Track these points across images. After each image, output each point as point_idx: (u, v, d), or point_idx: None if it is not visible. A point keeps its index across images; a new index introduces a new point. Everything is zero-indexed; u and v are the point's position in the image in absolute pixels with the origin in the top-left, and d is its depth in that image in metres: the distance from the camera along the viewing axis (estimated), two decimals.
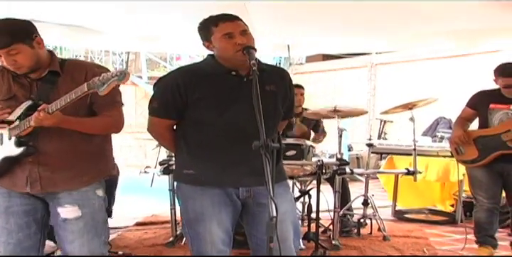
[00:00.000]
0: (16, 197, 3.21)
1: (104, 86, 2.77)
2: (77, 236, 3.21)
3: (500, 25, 6.34)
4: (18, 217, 3.21)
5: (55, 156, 3.17)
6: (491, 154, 5.68)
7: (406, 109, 6.67)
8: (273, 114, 3.33)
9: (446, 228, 7.34)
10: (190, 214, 3.39)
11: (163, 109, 3.39)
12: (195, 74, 3.37)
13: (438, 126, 9.96)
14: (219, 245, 3.32)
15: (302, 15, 6.04)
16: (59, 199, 3.20)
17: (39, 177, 3.17)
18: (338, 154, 5.94)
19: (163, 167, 5.97)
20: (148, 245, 5.98)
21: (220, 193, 3.32)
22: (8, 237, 3.20)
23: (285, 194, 3.40)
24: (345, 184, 6.60)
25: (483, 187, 5.85)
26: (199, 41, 3.48)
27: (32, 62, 3.10)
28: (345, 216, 6.63)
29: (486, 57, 9.58)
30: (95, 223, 3.27)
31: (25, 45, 3.05)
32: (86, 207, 3.23)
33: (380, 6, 5.61)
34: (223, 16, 3.31)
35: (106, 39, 7.27)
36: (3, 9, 5.63)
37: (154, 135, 3.57)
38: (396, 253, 5.91)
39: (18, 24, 3.13)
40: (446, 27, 6.61)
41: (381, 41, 7.93)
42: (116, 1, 5.83)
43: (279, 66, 3.38)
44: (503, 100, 5.62)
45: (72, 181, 3.21)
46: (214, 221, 3.31)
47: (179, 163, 3.56)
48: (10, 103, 3.18)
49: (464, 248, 6.13)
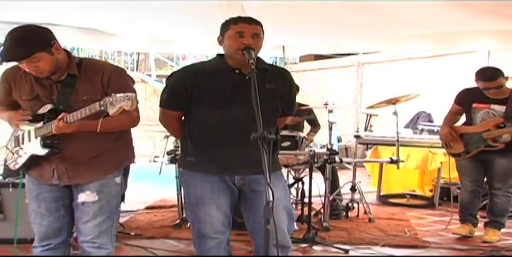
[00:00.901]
0: (45, 184, 3.23)
1: (114, 109, 2.75)
2: (92, 217, 3.22)
3: (473, 28, 6.34)
4: (47, 202, 3.24)
5: (77, 152, 3.18)
6: (474, 149, 5.76)
7: (390, 104, 6.67)
8: (271, 110, 3.33)
9: (426, 211, 7.37)
10: (192, 199, 3.41)
11: (172, 102, 3.42)
12: (202, 71, 3.38)
13: (418, 119, 9.95)
14: (218, 227, 3.35)
15: (296, 19, 6.04)
16: (82, 186, 3.22)
17: (65, 171, 3.20)
18: (329, 145, 5.94)
19: (170, 157, 5.97)
20: (157, 227, 5.99)
21: (218, 180, 3.34)
22: (41, 220, 3.23)
23: (278, 182, 3.39)
24: (334, 172, 6.60)
25: (467, 172, 5.96)
26: (202, 42, 3.49)
27: (52, 67, 3.07)
28: (334, 200, 6.64)
29: (462, 57, 9.58)
30: (109, 208, 3.28)
31: (45, 53, 3.01)
32: (103, 193, 3.24)
33: (366, 11, 5.62)
34: (245, 18, 3.33)
35: (119, 41, 7.26)
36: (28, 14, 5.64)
37: (163, 125, 3.61)
38: (380, 233, 5.93)
39: (38, 33, 3.08)
40: (424, 30, 6.62)
41: (367, 43, 7.92)
42: (128, 7, 5.83)
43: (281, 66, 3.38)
44: (484, 100, 5.64)
45: (95, 172, 3.23)
46: (213, 205, 3.33)
47: (183, 151, 3.57)
48: (33, 103, 3.17)
49: (446, 229, 6.19)
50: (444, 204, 7.45)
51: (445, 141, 5.98)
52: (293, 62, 14.72)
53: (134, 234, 5.61)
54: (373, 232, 5.98)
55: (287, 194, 3.93)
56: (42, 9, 5.45)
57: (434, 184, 7.73)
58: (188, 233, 5.68)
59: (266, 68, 3.31)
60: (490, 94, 5.59)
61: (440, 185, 7.58)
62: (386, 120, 9.25)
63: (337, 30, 6.73)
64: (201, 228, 3.39)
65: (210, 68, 3.36)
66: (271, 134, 2.83)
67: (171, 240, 5.52)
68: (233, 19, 3.32)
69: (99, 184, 3.23)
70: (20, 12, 5.55)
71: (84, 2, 5.50)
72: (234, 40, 3.23)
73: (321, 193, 6.20)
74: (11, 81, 3.23)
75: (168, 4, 5.67)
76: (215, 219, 3.35)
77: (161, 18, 6.28)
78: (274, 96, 3.36)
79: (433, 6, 5.26)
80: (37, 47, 2.98)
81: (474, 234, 5.93)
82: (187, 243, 5.35)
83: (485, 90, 5.56)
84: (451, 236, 5.93)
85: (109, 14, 6.15)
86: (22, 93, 3.20)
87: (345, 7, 5.58)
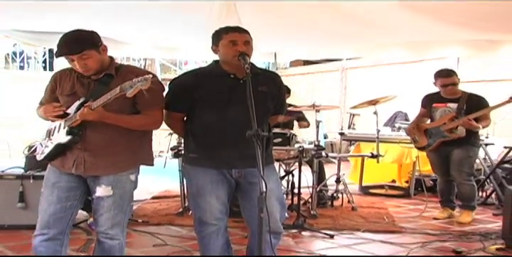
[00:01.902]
0: (65, 174, 3.19)
1: (131, 90, 2.76)
2: (106, 210, 3.19)
3: (444, 37, 6.37)
4: (61, 191, 3.18)
5: (98, 145, 3.15)
6: (435, 141, 5.99)
7: (370, 105, 6.69)
8: (263, 110, 3.33)
9: (402, 200, 7.40)
10: (194, 190, 3.45)
11: (174, 105, 3.42)
12: (200, 76, 3.41)
13: (396, 118, 9.97)
14: (217, 214, 3.39)
15: (286, 29, 6.05)
16: (99, 180, 3.17)
17: (83, 161, 3.15)
18: (316, 141, 5.95)
19: (173, 152, 5.97)
20: (162, 215, 5.99)
21: (217, 173, 3.36)
22: (47, 207, 3.16)
23: (271, 175, 3.41)
24: (321, 165, 6.63)
25: (437, 168, 6.25)
26: (202, 49, 3.51)
27: (98, 65, 3.10)
28: (321, 191, 6.65)
29: (434, 63, 9.56)
30: (122, 202, 3.24)
31: (95, 51, 3.05)
32: (118, 188, 3.20)
33: (350, 21, 5.63)
34: (235, 28, 3.35)
35: (128, 48, 7.28)
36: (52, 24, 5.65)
37: (168, 125, 3.59)
38: (362, 220, 5.94)
39: (88, 34, 3.13)
40: (401, 39, 6.65)
41: (350, 50, 7.94)
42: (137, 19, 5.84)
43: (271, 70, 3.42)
44: (441, 100, 5.98)
45: (110, 167, 3.18)
46: (213, 195, 3.36)
47: (186, 148, 3.58)
48: (70, 98, 3.17)
49: (421, 216, 6.26)
50: (418, 194, 7.50)
51: (410, 136, 6.29)
52: (284, 67, 14.71)
53: (142, 221, 5.61)
54: (355, 219, 6.00)
55: (279, 185, 3.99)
56: (63, 20, 5.47)
57: (410, 176, 7.77)
58: (190, 220, 5.67)
59: (258, 72, 3.33)
60: (446, 93, 5.89)
61: (415, 177, 7.62)
62: (367, 119, 9.27)
63: (323, 38, 6.75)
64: (202, 215, 3.42)
65: (208, 74, 3.37)
66: (264, 132, 2.84)
67: (175, 226, 5.52)
68: (224, 29, 3.35)
69: (114, 179, 3.19)
70: (46, 22, 5.60)
71: (99, 14, 5.52)
72: (228, 48, 3.25)
73: (309, 184, 6.20)
74: (58, 79, 3.24)
75: (171, 16, 5.69)
76: (214, 207, 3.38)
77: (166, 28, 6.30)
78: (266, 97, 3.37)
79: (409, 17, 5.28)
80: (88, 45, 3.03)
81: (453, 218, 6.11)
82: (189, 229, 5.35)
83: (443, 87, 5.86)
84: (425, 222, 5.98)
85: (121, 25, 6.18)
86: (64, 89, 3.21)
87: (331, 18, 5.60)
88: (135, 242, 4.89)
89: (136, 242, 4.90)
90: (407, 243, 5.02)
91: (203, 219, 3.42)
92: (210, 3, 5.36)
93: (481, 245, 4.97)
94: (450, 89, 5.82)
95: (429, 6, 4.81)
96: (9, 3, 4.90)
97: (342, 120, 12.15)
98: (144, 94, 2.84)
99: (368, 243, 5.04)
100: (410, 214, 6.42)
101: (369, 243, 5.04)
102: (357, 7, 5.26)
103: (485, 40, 6.23)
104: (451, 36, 6.25)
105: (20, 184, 5.02)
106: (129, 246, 4.62)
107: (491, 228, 5.70)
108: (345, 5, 5.18)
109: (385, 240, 5.14)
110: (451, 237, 5.28)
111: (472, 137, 5.88)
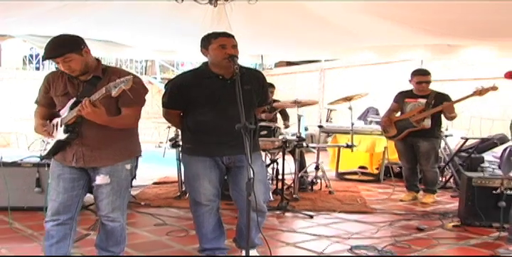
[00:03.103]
0: (67, 167, 3.16)
1: (115, 90, 2.73)
2: (105, 196, 3.19)
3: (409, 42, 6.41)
4: (66, 182, 3.16)
5: (94, 140, 3.13)
6: (404, 131, 6.03)
7: (346, 101, 6.70)
8: (249, 105, 3.37)
9: (373, 185, 7.43)
10: (189, 175, 3.52)
11: (171, 103, 3.50)
12: (193, 77, 3.47)
13: (368, 113, 9.98)
14: (209, 196, 3.46)
15: (272, 34, 6.05)
16: (98, 170, 3.16)
17: (82, 155, 3.13)
18: (298, 133, 5.97)
19: (171, 143, 5.99)
20: (162, 198, 6.00)
21: (210, 160, 3.43)
22: (56, 197, 3.15)
23: (256, 160, 3.46)
24: (302, 154, 6.65)
25: (403, 156, 6.29)
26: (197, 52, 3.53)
27: (82, 67, 3.05)
28: (302, 177, 6.65)
29: (401, 64, 9.63)
30: (119, 188, 3.22)
31: (76, 54, 3.01)
32: (115, 177, 3.18)
33: (327, 28, 5.65)
34: (222, 33, 3.39)
35: (131, 51, 7.22)
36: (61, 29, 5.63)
37: (167, 120, 3.68)
38: (338, 202, 5.97)
39: (70, 39, 3.08)
40: (372, 43, 6.66)
41: (327, 52, 7.95)
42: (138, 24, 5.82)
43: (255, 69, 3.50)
44: (413, 96, 6.03)
45: (107, 158, 3.16)
46: (206, 179, 3.43)
47: (183, 139, 3.66)
48: (63, 98, 3.14)
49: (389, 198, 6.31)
50: (387, 180, 7.53)
51: (383, 127, 6.33)
52: (269, 67, 14.69)
53: (144, 204, 5.62)
54: (332, 201, 6.02)
55: (264, 170, 4.04)
56: (75, 26, 5.45)
57: (380, 163, 7.79)
58: (186, 203, 5.65)
59: (244, 72, 3.33)
60: (419, 90, 5.95)
61: (385, 165, 7.66)
62: (343, 113, 9.32)
63: (304, 42, 6.75)
64: (196, 197, 3.48)
65: (200, 75, 3.42)
66: (251, 124, 2.89)
67: (173, 208, 5.52)
68: (213, 34, 3.38)
69: (111, 169, 3.17)
70: (58, 28, 5.56)
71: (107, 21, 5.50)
72: (218, 51, 3.29)
73: (292, 171, 6.23)
74: (50, 81, 3.21)
75: (170, 23, 5.68)
76: (208, 190, 3.44)
77: (164, 33, 6.28)
78: (251, 94, 3.41)
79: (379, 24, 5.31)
80: (69, 49, 2.99)
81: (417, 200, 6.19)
82: (186, 211, 5.36)
83: (418, 84, 5.93)
84: (392, 204, 6.03)
85: (125, 30, 6.15)
86: (57, 90, 3.18)
87: (312, 25, 5.62)
88: (138, 222, 4.90)
89: (139, 222, 4.91)
90: (377, 222, 5.06)
91: (198, 200, 3.48)
92: (204, 12, 5.37)
93: (440, 223, 5.04)
94: (423, 86, 5.90)
95: (396, 15, 4.84)
96: (26, 12, 4.89)
97: (320, 114, 12.15)
98: (127, 94, 2.80)
99: (343, 223, 5.07)
100: (380, 197, 6.46)
101: (344, 223, 5.07)
102: (333, 16, 5.29)
103: (445, 44, 6.27)
104: (415, 41, 6.29)
105: (37, 172, 5.04)
106: (133, 225, 4.64)
107: (449, 208, 5.76)
108: (323, 15, 5.21)
109: (357, 219, 5.19)
110: (415, 216, 5.33)
111: (435, 129, 5.98)
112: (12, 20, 5.11)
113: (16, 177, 5.01)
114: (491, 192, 4.77)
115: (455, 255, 4.04)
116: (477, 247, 4.28)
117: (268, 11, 5.20)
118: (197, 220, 3.58)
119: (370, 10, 4.82)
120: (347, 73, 12.33)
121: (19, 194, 4.97)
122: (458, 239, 4.52)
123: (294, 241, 4.34)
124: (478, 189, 4.84)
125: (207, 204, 3.48)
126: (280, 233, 4.61)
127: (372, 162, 8.20)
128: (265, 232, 4.02)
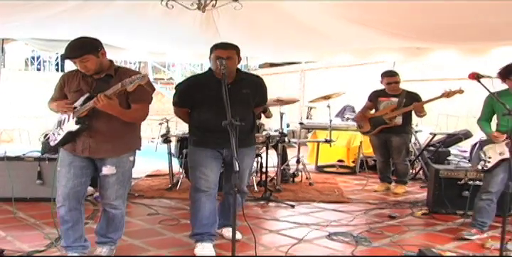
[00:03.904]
0: (77, 156, 3.23)
1: (131, 85, 2.86)
2: (111, 185, 3.26)
3: (383, 45, 6.45)
4: (76, 169, 3.22)
5: (101, 133, 3.19)
6: (377, 127, 6.07)
7: (324, 99, 6.75)
8: (246, 107, 3.67)
9: (349, 176, 7.49)
10: (194, 163, 3.67)
11: (180, 102, 3.75)
12: (199, 81, 3.71)
13: (345, 110, 10.01)
14: (209, 183, 3.60)
15: (256, 38, 6.05)
16: (104, 161, 3.23)
17: (89, 146, 3.20)
18: (280, 129, 6.01)
19: (163, 139, 6.02)
20: (154, 190, 6.00)
21: (211, 151, 3.61)
22: (66, 183, 3.20)
23: (252, 154, 3.89)
24: (284, 149, 6.67)
25: (377, 150, 6.35)
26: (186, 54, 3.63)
27: (97, 67, 3.13)
28: (284, 170, 6.69)
29: (375, 66, 9.64)
30: (123, 179, 3.30)
31: (93, 55, 3.09)
32: (120, 168, 3.25)
33: (307, 33, 5.67)
34: (221, 45, 3.59)
35: (126, 53, 7.18)
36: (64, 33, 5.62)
37: (178, 117, 3.91)
38: (317, 193, 6.01)
39: (89, 41, 3.16)
40: (348, 46, 6.68)
41: (308, 55, 7.95)
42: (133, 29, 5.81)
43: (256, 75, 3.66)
44: (386, 95, 6.09)
45: (110, 151, 3.23)
46: (208, 167, 3.59)
47: (190, 133, 3.86)
48: (76, 94, 3.21)
49: (363, 189, 6.35)
50: (362, 172, 7.59)
51: (357, 123, 6.39)
52: (254, 68, 14.66)
53: (138, 195, 5.63)
54: (312, 192, 6.06)
55: (253, 161, 4.38)
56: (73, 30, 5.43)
57: (356, 157, 7.86)
58: (177, 194, 5.72)
59: (243, 78, 3.65)
60: (390, 89, 6.01)
61: (360, 158, 7.72)
62: (322, 111, 9.35)
63: (286, 45, 6.75)
64: (197, 183, 3.61)
65: (204, 80, 3.60)
66: (237, 121, 2.93)
67: (165, 199, 5.53)
68: (214, 46, 3.59)
69: (117, 160, 3.24)
70: (58, 32, 5.56)
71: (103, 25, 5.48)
72: (213, 62, 3.49)
73: (275, 164, 6.28)
74: (66, 79, 3.29)
75: (161, 27, 5.67)
76: (208, 176, 3.59)
77: (157, 37, 6.26)
78: (248, 97, 3.65)
79: (355, 30, 5.33)
80: (87, 51, 3.06)
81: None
82: (176, 201, 5.40)
83: (388, 85, 6.00)
84: (367, 194, 6.09)
85: (120, 34, 6.12)
86: (71, 87, 3.24)
87: (293, 30, 5.62)
88: (133, 212, 4.90)
89: (133, 212, 4.91)
90: (353, 210, 5.12)
91: (198, 186, 3.60)
92: (193, 17, 5.36)
93: (410, 211, 5.12)
94: (393, 87, 5.97)
95: (368, 20, 4.88)
96: (28, 17, 4.87)
97: (301, 112, 12.19)
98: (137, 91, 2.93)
99: (322, 211, 5.12)
100: (355, 188, 6.52)
101: (322, 211, 5.12)
102: (312, 22, 5.30)
103: (415, 47, 6.32)
104: (388, 44, 6.32)
105: (38, 165, 5.07)
106: (128, 215, 4.62)
107: (419, 197, 5.84)
108: (303, 20, 5.23)
109: (335, 208, 5.23)
110: (388, 205, 5.41)
111: (406, 126, 6.05)
112: (15, 25, 5.10)
113: (19, 170, 5.03)
114: (456, 182, 4.87)
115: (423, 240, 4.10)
116: (443, 232, 4.36)
117: (252, 16, 5.20)
118: (195, 205, 3.66)
119: (345, 16, 4.85)
120: (325, 74, 12.38)
121: (22, 185, 4.99)
122: (426, 226, 4.60)
123: (276, 229, 4.38)
124: (444, 180, 4.93)
125: (205, 190, 3.59)
126: (264, 221, 4.64)
127: (349, 156, 8.24)
128: (250, 220, 4.06)
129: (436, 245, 3.86)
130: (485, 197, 4.12)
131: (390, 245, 3.90)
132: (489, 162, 4.04)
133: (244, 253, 3.52)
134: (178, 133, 6.20)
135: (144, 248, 3.70)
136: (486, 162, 4.05)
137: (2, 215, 4.59)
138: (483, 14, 4.21)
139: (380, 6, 4.31)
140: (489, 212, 4.14)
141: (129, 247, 3.71)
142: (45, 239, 3.76)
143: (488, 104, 4.23)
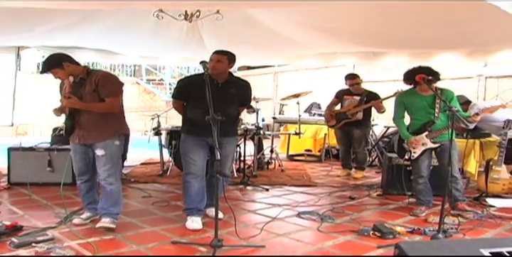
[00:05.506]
0: (78, 145, 3.53)
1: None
2: (102, 164, 3.46)
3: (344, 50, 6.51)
4: (79, 155, 3.57)
5: (85, 124, 3.48)
6: (341, 122, 6.10)
7: (294, 97, 6.77)
8: (232, 104, 3.73)
9: (316, 164, 7.52)
10: (184, 150, 3.71)
11: (177, 95, 3.82)
12: (195, 80, 3.68)
13: (312, 107, 10.04)
14: (197, 167, 3.66)
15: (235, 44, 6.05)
16: (95, 145, 3.47)
17: (82, 135, 3.49)
18: (256, 123, 6.03)
19: (154, 132, 5.97)
20: (148, 176, 5.95)
21: (200, 140, 3.65)
22: (76, 164, 3.59)
23: (234, 142, 3.94)
24: (260, 140, 6.66)
25: (340, 141, 6.34)
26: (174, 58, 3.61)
27: (67, 76, 3.42)
28: (260, 158, 6.68)
29: (337, 69, 9.73)
30: (112, 159, 3.49)
31: (58, 69, 3.39)
32: (107, 149, 3.46)
33: (279, 40, 5.70)
34: (216, 51, 3.71)
35: (122, 57, 7.10)
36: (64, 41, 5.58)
37: (175, 108, 3.91)
38: (288, 178, 6.02)
39: (54, 57, 3.46)
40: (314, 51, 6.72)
41: (280, 59, 7.98)
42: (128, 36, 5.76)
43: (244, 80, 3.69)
44: (350, 94, 6.12)
45: (98, 137, 3.46)
46: (196, 153, 3.65)
47: (183, 122, 3.88)
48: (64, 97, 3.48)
49: (328, 174, 6.37)
50: (327, 160, 7.64)
51: (326, 118, 6.35)
52: (233, 71, 14.61)
53: (133, 180, 5.59)
54: (284, 177, 6.07)
55: (235, 149, 4.46)
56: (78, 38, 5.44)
57: (321, 147, 7.90)
58: (168, 180, 5.71)
59: (233, 80, 3.73)
60: (353, 89, 6.03)
61: (325, 148, 7.77)
62: (292, 107, 9.38)
63: (262, 51, 6.77)
64: (187, 167, 3.68)
65: (200, 78, 3.53)
66: (219, 116, 3.03)
67: (157, 184, 5.50)
68: (213, 52, 3.69)
69: (104, 144, 3.45)
70: (65, 39, 5.56)
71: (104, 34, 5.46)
72: (209, 63, 3.57)
73: (251, 154, 6.30)
74: (61, 85, 3.57)
75: (153, 35, 5.64)
76: (196, 161, 3.65)
77: (149, 43, 6.22)
78: (234, 96, 3.71)
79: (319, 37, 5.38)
80: (52, 66, 3.39)
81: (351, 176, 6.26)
82: (167, 185, 5.39)
83: (351, 86, 6.04)
84: (331, 179, 6.12)
85: (117, 41, 6.08)
86: (61, 90, 3.53)
87: (267, 37, 5.65)
88: (129, 195, 4.88)
89: (130, 195, 4.89)
90: (319, 193, 5.15)
91: (188, 169, 3.68)
92: (180, 27, 5.35)
93: (367, 193, 5.18)
94: (355, 87, 6.02)
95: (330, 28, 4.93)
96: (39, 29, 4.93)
97: (274, 108, 12.21)
98: (103, 88, 3.32)
99: (292, 194, 5.13)
100: (321, 173, 6.55)
101: (293, 194, 5.14)
102: (284, 31, 5.34)
103: (371, 52, 6.39)
104: (348, 49, 6.38)
105: (48, 155, 5.12)
106: (125, 197, 4.61)
107: (374, 181, 5.91)
108: (277, 29, 5.26)
109: (303, 191, 5.26)
110: (349, 188, 5.45)
111: (366, 120, 6.10)
112: (29, 35, 5.22)
113: (32, 159, 5.09)
114: (405, 168, 4.92)
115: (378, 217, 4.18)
116: (394, 210, 4.44)
117: (232, 26, 5.23)
118: (185, 185, 3.73)
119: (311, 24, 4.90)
120: (295, 75, 12.42)
121: (35, 172, 5.05)
122: (380, 205, 4.67)
123: (253, 209, 4.40)
124: (396, 166, 5.00)
125: (194, 173, 3.66)
126: (243, 202, 4.65)
127: (316, 146, 8.29)
128: (230, 202, 4.11)
129: (388, 221, 3.94)
130: (420, 180, 4.29)
131: (350, 221, 3.95)
132: (415, 153, 4.20)
133: (226, 230, 3.55)
134: (167, 127, 6.17)
135: (139, 226, 3.70)
136: (412, 153, 4.19)
137: (19, 197, 4.61)
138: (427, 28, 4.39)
139: (342, 17, 4.37)
140: (428, 191, 4.32)
141: (127, 224, 3.71)
142: (55, 218, 3.78)
143: (400, 102, 4.34)
